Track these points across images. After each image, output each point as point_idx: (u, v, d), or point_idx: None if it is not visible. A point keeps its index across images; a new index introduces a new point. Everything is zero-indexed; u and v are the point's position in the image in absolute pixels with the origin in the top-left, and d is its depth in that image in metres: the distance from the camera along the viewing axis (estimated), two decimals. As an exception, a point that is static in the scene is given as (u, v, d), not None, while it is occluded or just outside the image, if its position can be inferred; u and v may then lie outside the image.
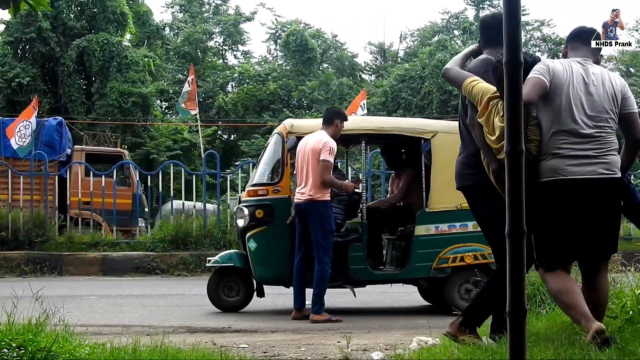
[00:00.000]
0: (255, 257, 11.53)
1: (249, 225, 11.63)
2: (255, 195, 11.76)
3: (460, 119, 7.18)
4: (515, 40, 3.62)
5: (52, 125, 24.71)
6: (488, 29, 7.33)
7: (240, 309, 11.93)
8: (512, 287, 3.66)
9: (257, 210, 11.55)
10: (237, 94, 51.60)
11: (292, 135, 11.65)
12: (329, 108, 12.42)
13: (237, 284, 12.01)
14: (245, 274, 11.89)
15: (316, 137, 10.92)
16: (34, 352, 6.18)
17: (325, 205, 10.82)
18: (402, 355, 7.30)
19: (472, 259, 11.24)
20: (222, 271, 12.03)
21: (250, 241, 11.57)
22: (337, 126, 11.05)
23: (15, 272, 17.88)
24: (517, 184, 3.60)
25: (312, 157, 10.73)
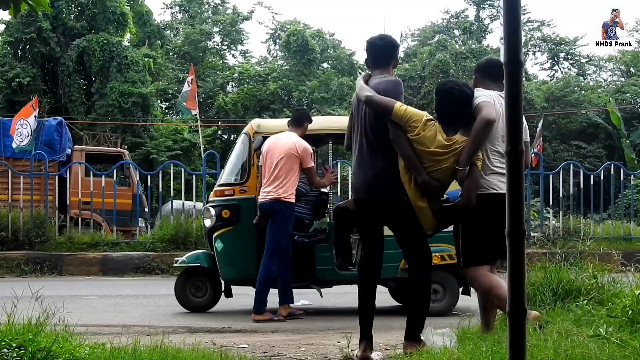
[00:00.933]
0: (221, 257, 11.53)
1: (215, 225, 11.63)
2: (222, 195, 11.75)
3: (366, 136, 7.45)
4: (515, 40, 3.62)
5: (52, 125, 24.70)
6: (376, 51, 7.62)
7: (208, 309, 11.94)
8: (513, 287, 3.66)
9: (224, 211, 11.56)
10: (237, 94, 51.54)
11: (259, 136, 11.61)
12: (298, 109, 12.40)
13: (205, 284, 12.02)
14: (212, 274, 11.87)
15: (288, 139, 10.94)
16: (34, 352, 6.18)
17: (290, 206, 10.86)
18: (402, 355, 7.30)
19: (439, 260, 11.11)
20: (189, 271, 12.02)
21: (217, 241, 11.57)
22: (305, 128, 11.15)
23: (15, 272, 17.87)
24: (517, 184, 3.60)
25: (287, 159, 10.75)
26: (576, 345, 6.47)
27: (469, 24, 57.57)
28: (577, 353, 6.25)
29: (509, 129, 3.65)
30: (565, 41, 58.36)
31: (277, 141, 11.01)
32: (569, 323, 7.44)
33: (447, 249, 11.16)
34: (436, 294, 11.19)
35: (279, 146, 10.87)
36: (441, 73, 45.79)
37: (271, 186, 10.78)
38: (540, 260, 9.46)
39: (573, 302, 8.37)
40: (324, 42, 58.05)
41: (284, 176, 10.75)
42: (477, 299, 7.94)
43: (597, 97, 49.51)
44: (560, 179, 19.77)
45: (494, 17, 58.36)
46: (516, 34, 3.61)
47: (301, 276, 11.35)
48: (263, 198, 10.87)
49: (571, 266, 9.32)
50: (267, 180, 10.90)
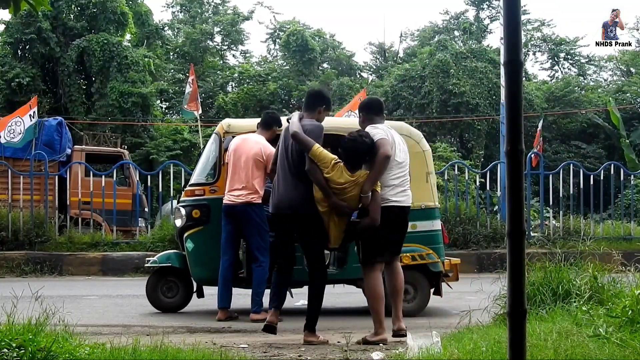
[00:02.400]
0: (192, 257, 11.47)
1: (186, 225, 11.56)
2: (193, 195, 11.69)
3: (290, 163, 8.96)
4: (515, 40, 3.62)
5: (52, 125, 24.69)
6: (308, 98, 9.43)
7: (180, 309, 11.91)
8: (513, 287, 3.66)
9: (194, 210, 11.49)
10: (237, 94, 51.48)
11: (229, 135, 11.57)
12: (268, 112, 12.29)
13: (176, 285, 11.99)
14: (184, 274, 11.81)
15: (255, 143, 10.93)
16: (34, 352, 6.19)
17: (261, 207, 10.86)
18: (402, 355, 7.31)
19: (409, 260, 11.17)
20: (161, 271, 11.99)
21: (187, 241, 11.50)
22: (274, 132, 11.09)
23: (15, 272, 17.86)
24: (517, 184, 3.60)
25: (254, 163, 10.78)
26: (576, 345, 6.48)
27: (468, 24, 57.51)
28: (577, 353, 6.26)
29: (509, 129, 3.65)
30: (565, 41, 58.34)
31: (244, 143, 11.00)
32: (569, 323, 7.44)
33: (418, 249, 11.21)
34: (407, 294, 11.13)
35: (245, 149, 10.88)
36: (441, 73, 45.80)
37: (240, 189, 10.79)
38: (540, 260, 9.46)
39: (573, 302, 8.38)
40: (324, 42, 58.03)
41: (253, 180, 10.78)
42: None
43: (597, 97, 49.50)
44: (560, 179, 19.76)
45: (494, 18, 58.31)
46: (516, 34, 3.61)
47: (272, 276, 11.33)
48: (232, 201, 10.85)
49: (571, 266, 9.32)
50: (234, 182, 10.90)
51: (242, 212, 10.77)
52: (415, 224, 11.08)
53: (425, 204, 11.41)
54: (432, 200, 11.65)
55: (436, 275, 11.56)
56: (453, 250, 18.52)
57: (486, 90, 45.44)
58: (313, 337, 8.72)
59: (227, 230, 10.96)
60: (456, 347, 7.02)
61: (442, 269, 11.52)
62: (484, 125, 44.92)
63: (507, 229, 3.68)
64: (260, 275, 10.74)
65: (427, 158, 11.78)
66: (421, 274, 11.28)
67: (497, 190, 21.00)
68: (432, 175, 11.82)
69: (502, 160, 19.94)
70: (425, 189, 11.48)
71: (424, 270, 11.28)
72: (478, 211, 19.67)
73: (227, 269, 10.91)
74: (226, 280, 10.92)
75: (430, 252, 11.39)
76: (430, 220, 11.57)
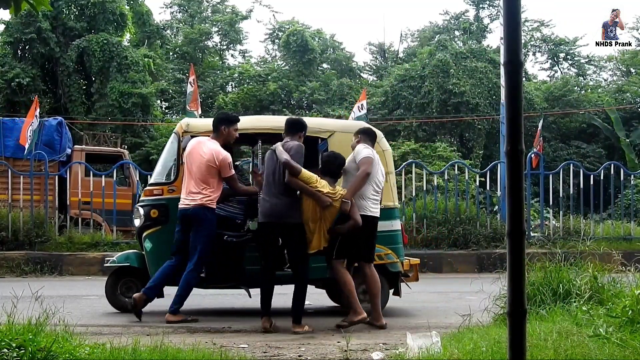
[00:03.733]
0: (150, 257, 11.36)
1: (144, 225, 11.46)
2: (151, 195, 11.58)
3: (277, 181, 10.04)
4: (515, 41, 3.62)
5: (52, 125, 24.69)
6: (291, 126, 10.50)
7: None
8: (513, 287, 3.66)
9: (152, 210, 11.40)
10: (237, 94, 51.50)
11: (188, 135, 11.42)
12: (216, 114, 12.21)
13: (135, 284, 11.83)
14: (143, 274, 11.62)
15: (209, 147, 10.77)
16: (34, 352, 6.19)
17: (213, 211, 10.80)
18: (402, 355, 7.31)
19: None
20: (120, 271, 11.93)
21: (146, 241, 11.40)
22: (224, 132, 10.91)
23: (15, 272, 17.86)
24: (517, 184, 3.60)
25: (207, 168, 10.65)
26: (576, 345, 6.48)
27: (468, 24, 57.53)
28: (577, 353, 6.26)
29: (509, 129, 3.65)
30: (564, 41, 58.37)
31: (198, 147, 10.85)
32: (569, 323, 7.45)
33: (378, 249, 11.12)
34: (366, 294, 11.10)
35: (199, 155, 10.75)
36: (441, 73, 45.84)
37: (194, 192, 10.68)
38: (541, 260, 9.47)
39: (573, 302, 8.38)
40: (324, 42, 58.05)
41: (207, 184, 10.67)
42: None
43: (596, 97, 49.54)
44: (560, 179, 19.76)
45: (494, 17, 58.34)
46: (516, 34, 3.61)
47: (230, 276, 11.27)
48: (187, 204, 10.75)
49: (571, 266, 9.33)
50: (188, 186, 10.80)
51: (194, 215, 10.66)
52: None
53: (384, 204, 11.27)
54: (391, 201, 11.58)
55: (395, 276, 11.52)
56: (453, 250, 18.56)
57: (486, 90, 45.49)
58: (299, 328, 9.84)
59: (178, 234, 10.87)
60: (456, 347, 7.02)
61: (401, 269, 11.47)
62: (484, 125, 44.97)
63: (507, 229, 3.68)
64: (192, 278, 10.66)
65: (387, 158, 11.67)
66: (380, 274, 11.20)
67: (497, 190, 20.99)
68: (392, 175, 11.73)
69: (502, 160, 19.94)
70: (385, 189, 11.41)
71: (383, 271, 11.23)
72: (478, 211, 19.68)
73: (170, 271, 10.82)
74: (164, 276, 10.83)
75: (390, 252, 11.33)
76: (389, 220, 11.50)
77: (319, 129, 11.65)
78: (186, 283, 10.66)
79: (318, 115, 44.41)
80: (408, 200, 19.86)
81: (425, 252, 18.42)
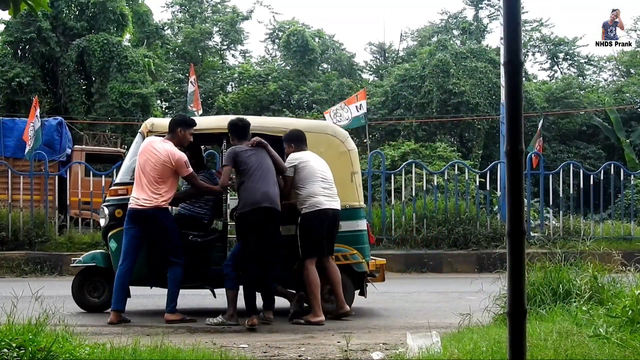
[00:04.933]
0: (115, 256, 11.18)
1: (109, 224, 11.41)
2: (116, 194, 11.52)
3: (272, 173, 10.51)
4: (515, 40, 3.62)
5: (52, 125, 24.71)
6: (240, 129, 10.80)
7: (105, 309, 11.58)
8: (513, 287, 3.66)
9: (117, 210, 11.29)
10: (237, 94, 51.46)
11: (153, 135, 11.33)
12: (175, 116, 12.14)
13: (102, 284, 11.82)
14: (109, 274, 11.47)
15: (163, 147, 10.70)
16: (34, 352, 6.19)
17: (167, 210, 10.83)
18: (402, 355, 7.31)
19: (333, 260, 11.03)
20: (87, 271, 11.89)
21: (111, 241, 11.32)
22: (179, 134, 10.84)
23: (15, 272, 17.84)
24: (517, 184, 3.60)
25: (162, 169, 10.58)
26: (576, 345, 6.48)
27: (467, 24, 57.55)
28: (578, 353, 6.26)
29: (509, 129, 3.65)
30: (564, 41, 58.39)
31: (150, 147, 10.79)
32: (569, 323, 7.45)
33: (342, 249, 11.14)
34: (331, 295, 11.10)
35: (153, 154, 10.68)
36: (441, 73, 45.83)
37: (149, 194, 10.60)
38: (541, 260, 9.47)
39: (573, 302, 8.38)
40: (325, 42, 58.05)
41: (162, 184, 10.61)
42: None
43: (596, 97, 49.52)
44: (560, 179, 19.75)
45: (493, 17, 58.37)
46: (516, 34, 3.61)
47: (195, 276, 11.25)
48: (140, 205, 10.62)
49: (571, 266, 9.33)
50: (141, 186, 10.71)
51: (152, 216, 10.59)
52: (340, 224, 11.05)
53: (349, 204, 11.30)
54: (357, 200, 11.51)
55: (361, 276, 11.49)
56: (453, 250, 18.56)
57: (486, 90, 45.49)
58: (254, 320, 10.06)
59: (130, 234, 10.72)
60: (456, 347, 7.03)
61: (366, 269, 11.41)
62: (483, 125, 44.96)
63: (507, 229, 3.68)
64: (176, 275, 10.66)
65: (353, 157, 11.64)
66: (345, 274, 11.18)
67: (497, 190, 20.99)
68: (357, 175, 11.65)
69: (502, 160, 19.94)
70: (350, 189, 11.40)
71: (348, 271, 11.21)
72: (478, 211, 19.68)
73: (126, 273, 10.69)
74: (123, 284, 10.75)
75: (355, 253, 11.28)
76: (355, 220, 11.45)
77: (284, 129, 11.54)
78: (173, 279, 10.67)
79: (319, 115, 44.41)
80: (408, 200, 19.85)
81: (426, 252, 18.44)
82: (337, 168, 11.02)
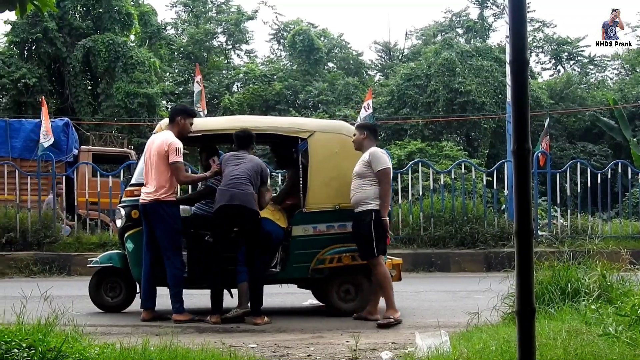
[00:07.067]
0: (132, 257, 11.25)
1: (126, 225, 11.39)
2: (132, 195, 11.43)
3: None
4: (521, 39, 3.62)
5: (59, 126, 24.79)
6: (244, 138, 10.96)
7: (123, 309, 11.74)
8: (521, 286, 3.66)
9: (133, 211, 11.24)
10: (243, 94, 51.47)
11: None
12: (173, 106, 12.14)
13: (119, 285, 11.83)
14: (126, 274, 11.58)
15: (161, 137, 10.78)
16: (44, 352, 6.20)
17: (170, 204, 10.74)
18: (411, 355, 7.32)
19: (350, 260, 11.07)
20: (103, 272, 11.87)
21: (127, 241, 11.31)
22: (179, 123, 10.90)
23: (24, 273, 17.87)
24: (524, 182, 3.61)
25: (158, 159, 10.62)
26: (585, 344, 6.48)
27: (472, 23, 57.54)
28: (587, 352, 6.25)
29: (516, 128, 3.66)
30: (567, 41, 58.39)
31: (153, 141, 10.93)
32: (578, 322, 7.45)
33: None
34: (348, 294, 11.19)
35: (154, 147, 10.78)
36: (447, 72, 45.82)
37: (151, 187, 10.66)
38: (549, 259, 9.46)
39: (582, 300, 8.38)
40: (330, 41, 58.06)
41: (160, 176, 10.63)
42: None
43: (601, 96, 49.47)
44: (567, 178, 19.73)
45: (498, 16, 58.34)
46: (522, 32, 3.62)
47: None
48: (144, 199, 10.73)
49: (579, 265, 9.32)
50: (147, 180, 10.80)
51: (151, 210, 10.65)
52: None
53: None
54: None
55: None
56: (461, 249, 18.54)
57: (492, 88, 45.47)
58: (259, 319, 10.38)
59: (145, 231, 10.85)
60: (465, 346, 7.03)
61: None
62: (490, 124, 44.94)
63: (514, 228, 3.68)
64: (173, 275, 10.64)
65: None
66: (362, 274, 11.18)
67: (504, 189, 20.98)
68: None
69: (508, 159, 19.92)
70: None
71: (365, 271, 11.22)
72: (485, 210, 19.65)
73: (145, 270, 10.79)
74: (146, 282, 10.82)
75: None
76: None
77: (299, 129, 11.60)
78: (171, 280, 10.66)
79: (324, 115, 44.42)
80: (415, 199, 19.86)
81: (433, 251, 18.43)
82: (352, 167, 11.03)
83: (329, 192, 11.21)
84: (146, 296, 10.83)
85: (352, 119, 35.49)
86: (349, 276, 11.17)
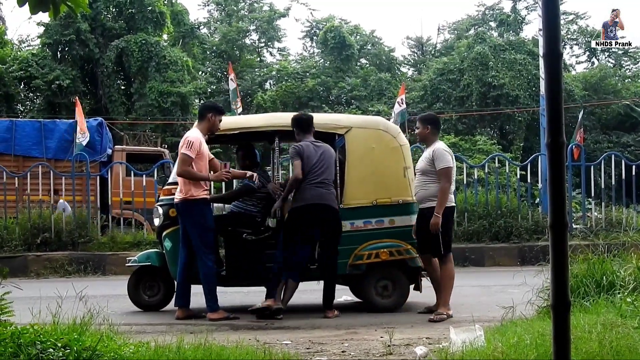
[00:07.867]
0: (170, 256, 11.29)
1: (164, 224, 11.44)
2: (170, 194, 11.44)
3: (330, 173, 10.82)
4: (554, 31, 3.59)
5: (93, 126, 24.88)
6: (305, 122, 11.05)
7: (161, 307, 11.79)
8: (556, 279, 3.63)
9: (171, 210, 11.25)
10: (276, 91, 51.57)
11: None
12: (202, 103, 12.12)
13: (157, 284, 11.89)
14: (164, 273, 11.62)
15: (185, 136, 10.76)
16: (79, 352, 6.22)
17: (199, 202, 10.64)
18: (445, 349, 7.29)
19: (387, 255, 11.05)
20: (141, 271, 11.91)
21: (165, 240, 11.37)
22: (210, 120, 10.80)
23: (59, 273, 17.98)
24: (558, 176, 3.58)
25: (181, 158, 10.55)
26: (621, 337, 6.43)
27: (505, 16, 57.26)
28: (622, 345, 6.21)
29: (549, 121, 3.63)
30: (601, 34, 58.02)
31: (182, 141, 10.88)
32: (613, 315, 7.39)
33: (396, 244, 11.07)
34: (385, 290, 11.18)
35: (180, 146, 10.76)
36: (480, 65, 45.68)
37: (181, 186, 10.64)
38: (583, 252, 9.39)
39: (617, 293, 8.32)
40: (363, 38, 58.01)
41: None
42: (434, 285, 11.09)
43: (635, 87, 49.11)
44: (601, 170, 19.60)
45: (531, 8, 58.01)
46: (555, 24, 3.59)
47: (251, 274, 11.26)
48: (176, 198, 10.76)
49: (614, 258, 9.25)
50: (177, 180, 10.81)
51: (182, 209, 10.68)
52: (394, 219, 11.19)
53: (403, 198, 11.23)
54: (409, 195, 11.30)
55: (415, 271, 11.43)
56: (495, 243, 18.46)
57: (525, 81, 45.30)
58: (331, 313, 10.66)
59: (181, 229, 10.86)
60: (500, 340, 6.99)
61: (420, 264, 11.28)
62: (524, 117, 44.76)
63: (549, 222, 3.66)
64: (205, 273, 10.62)
65: (405, 152, 11.52)
66: (399, 270, 11.16)
67: (538, 182, 20.85)
68: (409, 169, 11.51)
69: (542, 152, 19.82)
70: (403, 184, 11.30)
71: (403, 266, 11.18)
72: (519, 204, 19.54)
73: (181, 269, 10.81)
74: (180, 281, 10.81)
75: (409, 248, 11.15)
76: (408, 215, 11.29)
77: (336, 125, 11.60)
78: (204, 279, 10.66)
79: (357, 111, 44.41)
80: (449, 194, 19.81)
81: (467, 246, 18.36)
82: (389, 163, 11.00)
83: (366, 188, 11.19)
84: (180, 294, 10.85)
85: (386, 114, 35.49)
86: (386, 272, 11.16)
